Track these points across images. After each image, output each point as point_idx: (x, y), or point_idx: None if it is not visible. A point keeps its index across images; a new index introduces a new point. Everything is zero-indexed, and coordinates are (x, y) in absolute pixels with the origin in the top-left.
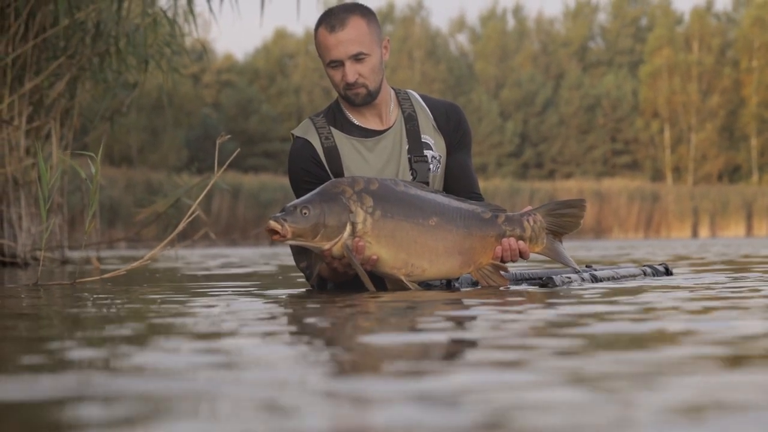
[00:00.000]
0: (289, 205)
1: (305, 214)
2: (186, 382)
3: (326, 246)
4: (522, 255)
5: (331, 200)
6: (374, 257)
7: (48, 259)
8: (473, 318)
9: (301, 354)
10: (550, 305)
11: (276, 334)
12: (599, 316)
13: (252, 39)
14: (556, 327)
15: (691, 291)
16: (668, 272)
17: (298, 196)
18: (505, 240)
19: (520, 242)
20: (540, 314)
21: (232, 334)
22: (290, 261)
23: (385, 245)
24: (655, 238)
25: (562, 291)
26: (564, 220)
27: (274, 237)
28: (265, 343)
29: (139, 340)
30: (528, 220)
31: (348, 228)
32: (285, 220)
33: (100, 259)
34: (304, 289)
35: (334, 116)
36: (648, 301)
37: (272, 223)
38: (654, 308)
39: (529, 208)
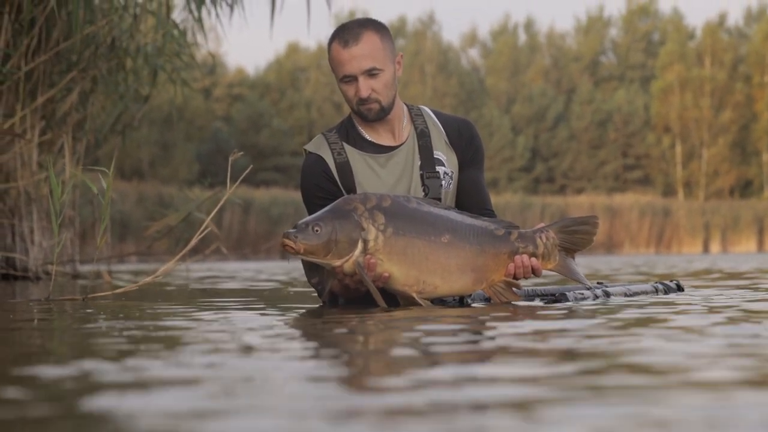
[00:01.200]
0: (301, 222)
1: (317, 231)
2: (196, 400)
3: (338, 263)
4: (534, 272)
5: (342, 217)
6: (386, 274)
7: (59, 273)
8: (484, 333)
9: (310, 371)
10: (564, 321)
11: (285, 349)
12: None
13: (264, 53)
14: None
15: (703, 308)
16: (680, 289)
17: (310, 212)
18: (517, 257)
19: (533, 259)
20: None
21: (243, 350)
22: (299, 276)
23: (396, 262)
24: (666, 253)
25: (575, 307)
26: (577, 236)
27: (286, 249)
28: (276, 359)
29: (152, 357)
30: (541, 237)
31: (360, 245)
32: (297, 237)
33: (110, 273)
34: (315, 305)
35: (347, 132)
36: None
37: (284, 240)
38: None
39: (542, 224)
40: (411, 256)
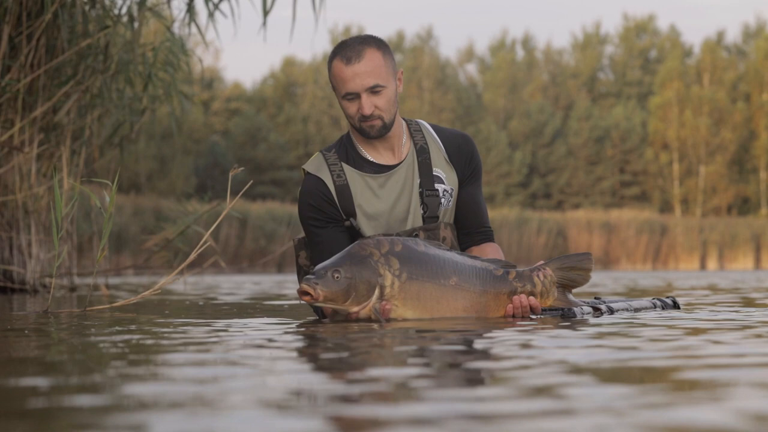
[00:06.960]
0: (319, 267)
1: (337, 278)
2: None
3: (355, 309)
4: (533, 311)
5: (360, 263)
6: (400, 319)
7: (57, 286)
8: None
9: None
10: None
11: (286, 363)
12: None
13: (261, 68)
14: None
15: (697, 324)
16: (676, 306)
17: (306, 232)
18: (516, 297)
19: (531, 298)
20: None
21: (241, 364)
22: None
23: (411, 307)
24: (662, 270)
25: (580, 322)
26: (574, 273)
27: (304, 298)
28: (278, 374)
29: (153, 372)
30: (538, 276)
31: (377, 291)
32: (317, 283)
33: (108, 286)
34: (312, 318)
35: (346, 151)
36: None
37: (305, 286)
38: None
39: (541, 262)
40: (424, 300)
